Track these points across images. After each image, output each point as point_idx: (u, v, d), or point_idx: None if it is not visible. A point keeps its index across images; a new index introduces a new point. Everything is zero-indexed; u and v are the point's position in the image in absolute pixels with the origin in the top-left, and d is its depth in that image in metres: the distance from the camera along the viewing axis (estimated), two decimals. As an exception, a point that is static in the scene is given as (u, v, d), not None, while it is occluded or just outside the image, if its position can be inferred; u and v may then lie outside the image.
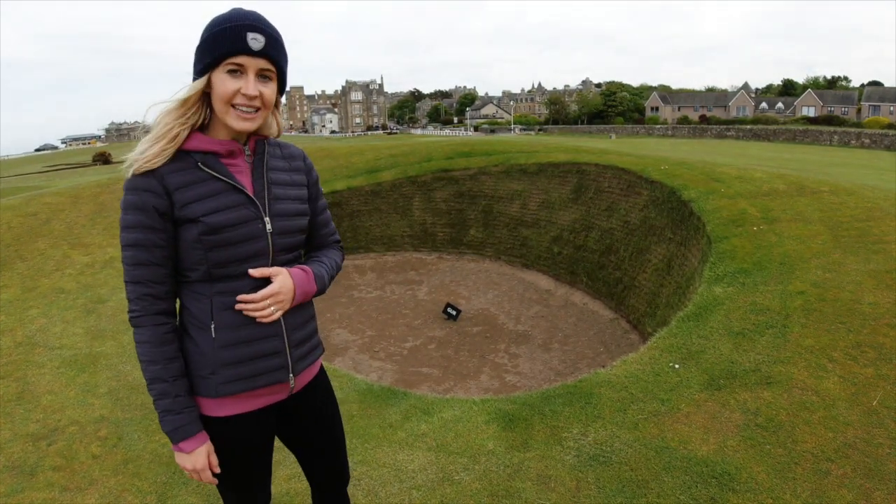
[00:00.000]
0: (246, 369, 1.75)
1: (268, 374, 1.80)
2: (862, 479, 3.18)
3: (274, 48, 1.64)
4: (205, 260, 1.66)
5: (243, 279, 1.71)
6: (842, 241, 6.44)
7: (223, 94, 1.60)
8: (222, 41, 1.58)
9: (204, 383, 1.73)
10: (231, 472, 1.87)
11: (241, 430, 1.82)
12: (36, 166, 46.93)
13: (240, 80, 1.61)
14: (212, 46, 1.59)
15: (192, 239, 1.63)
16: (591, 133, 72.67)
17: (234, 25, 1.58)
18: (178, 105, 1.62)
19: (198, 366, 1.73)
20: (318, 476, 2.15)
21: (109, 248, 9.78)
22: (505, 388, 9.08)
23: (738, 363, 4.50)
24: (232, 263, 1.68)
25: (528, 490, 3.40)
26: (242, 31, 1.58)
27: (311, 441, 2.07)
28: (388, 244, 16.51)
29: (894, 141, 41.09)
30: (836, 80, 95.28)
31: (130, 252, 1.63)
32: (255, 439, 1.88)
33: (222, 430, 1.78)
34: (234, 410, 1.78)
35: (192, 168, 1.64)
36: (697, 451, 3.58)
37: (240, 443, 1.83)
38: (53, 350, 5.97)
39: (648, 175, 12.11)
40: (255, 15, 1.62)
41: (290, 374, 1.85)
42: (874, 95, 64.80)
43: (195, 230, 1.62)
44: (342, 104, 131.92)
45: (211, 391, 1.73)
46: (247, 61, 1.60)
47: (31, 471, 3.87)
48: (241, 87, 1.60)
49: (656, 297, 10.15)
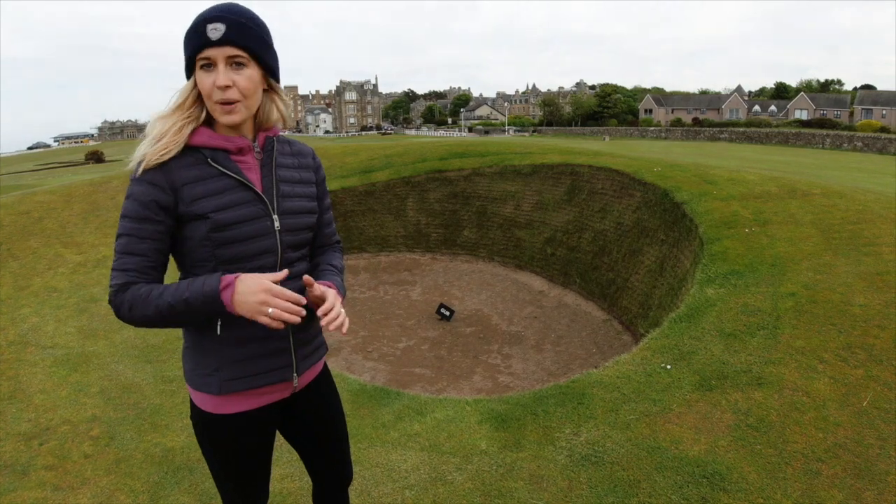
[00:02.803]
0: (251, 367, 1.75)
1: (272, 373, 1.79)
2: (852, 479, 3.21)
3: (237, 33, 1.58)
4: (213, 257, 1.65)
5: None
6: (833, 244, 6.49)
7: (204, 92, 1.61)
8: (189, 39, 1.58)
9: (208, 380, 1.73)
10: (233, 471, 1.87)
11: (244, 428, 1.82)
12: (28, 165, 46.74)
13: (213, 73, 1.59)
14: (184, 48, 1.61)
15: (201, 236, 1.63)
16: (585, 135, 72.73)
17: (197, 22, 1.57)
18: (174, 111, 1.63)
19: (202, 362, 1.73)
20: (320, 474, 2.15)
21: (102, 247, 9.74)
22: (498, 388, 9.09)
23: (729, 364, 4.52)
24: (240, 261, 1.68)
25: (520, 490, 3.41)
26: (203, 24, 1.56)
27: (314, 438, 2.07)
28: (381, 244, 16.50)
29: (886, 144, 41.31)
30: (828, 84, 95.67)
31: (122, 240, 1.61)
32: (258, 437, 1.88)
33: (225, 428, 1.79)
34: (238, 408, 1.78)
35: (201, 164, 1.64)
36: (689, 451, 3.60)
37: (243, 441, 1.83)
38: (45, 349, 5.94)
39: (641, 177, 12.15)
40: (221, 6, 1.60)
41: (295, 373, 1.85)
42: (866, 99, 65.09)
43: (204, 227, 1.62)
44: (336, 104, 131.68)
45: (215, 388, 1.72)
46: (212, 53, 1.57)
47: (24, 470, 3.85)
48: (217, 80, 1.58)
49: (649, 298, 10.18)
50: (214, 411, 1.76)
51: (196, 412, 1.81)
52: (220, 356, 1.72)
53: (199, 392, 1.76)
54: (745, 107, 76.91)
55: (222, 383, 1.72)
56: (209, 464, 1.91)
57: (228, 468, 1.87)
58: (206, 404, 1.76)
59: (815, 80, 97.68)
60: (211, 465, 1.91)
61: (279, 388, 1.85)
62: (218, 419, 1.77)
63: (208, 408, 1.76)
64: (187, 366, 1.79)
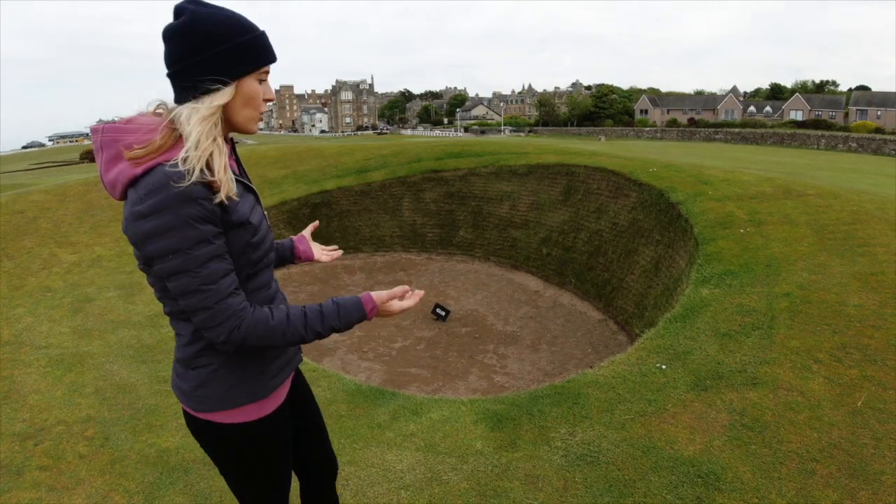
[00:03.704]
0: (283, 359, 1.83)
1: (293, 360, 1.91)
2: (847, 478, 3.22)
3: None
4: (249, 262, 1.66)
5: (266, 270, 1.77)
6: (827, 244, 6.51)
7: (256, 102, 1.62)
8: (258, 50, 1.58)
9: (250, 387, 1.72)
10: (276, 475, 1.90)
11: (283, 421, 1.88)
12: (23, 164, 46.49)
13: (262, 86, 1.63)
14: (249, 55, 1.56)
15: (244, 244, 1.62)
16: (581, 135, 72.88)
17: (261, 34, 1.60)
18: (213, 111, 1.53)
19: (245, 370, 1.71)
20: (308, 466, 2.18)
21: (96, 247, 9.71)
22: (493, 388, 9.09)
23: (724, 364, 4.53)
24: (263, 258, 1.72)
25: (515, 490, 3.41)
26: (267, 39, 1.61)
27: (298, 428, 2.10)
28: (377, 244, 16.48)
29: (881, 145, 41.49)
30: (823, 85, 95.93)
31: (212, 266, 1.50)
32: (290, 429, 1.95)
33: (271, 427, 1.82)
34: (276, 403, 1.83)
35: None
36: (684, 450, 3.61)
37: (285, 435, 1.89)
38: (40, 349, 5.92)
39: (637, 177, 12.16)
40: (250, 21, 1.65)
41: (301, 354, 1.98)
42: (861, 100, 65.36)
43: (246, 234, 1.62)
44: (332, 104, 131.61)
45: (264, 390, 1.75)
46: (270, 68, 1.64)
47: (18, 470, 3.84)
48: (265, 94, 1.64)
49: (644, 298, 10.20)
50: (260, 416, 1.77)
51: (233, 432, 1.75)
52: (262, 357, 1.74)
53: (242, 407, 1.73)
54: (741, 107, 77.15)
55: (269, 382, 1.77)
56: (248, 484, 1.88)
57: (272, 476, 1.88)
58: (251, 414, 1.75)
59: (810, 81, 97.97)
60: (250, 484, 1.88)
61: (292, 375, 1.98)
62: (264, 423, 1.78)
63: (253, 416, 1.75)
64: (222, 386, 1.69)
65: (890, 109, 60.04)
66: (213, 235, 1.49)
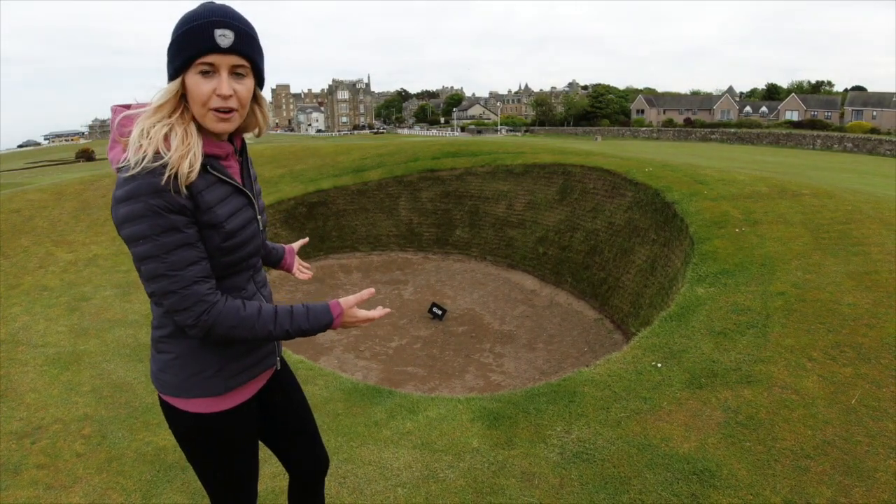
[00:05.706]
0: (249, 359, 1.82)
1: (264, 360, 1.89)
2: (841, 475, 3.25)
3: (245, 43, 1.55)
4: (219, 264, 1.66)
5: (242, 273, 1.77)
6: (822, 243, 6.54)
7: (198, 97, 1.53)
8: (191, 41, 1.49)
9: (210, 383, 1.74)
10: (234, 471, 1.90)
11: (244, 417, 1.86)
12: (19, 163, 46.39)
13: (213, 79, 1.53)
14: (181, 47, 1.50)
15: (213, 245, 1.62)
16: (577, 135, 72.83)
17: (202, 23, 1.49)
18: (153, 112, 1.53)
19: (200, 368, 1.72)
20: (297, 462, 2.19)
21: (93, 246, 9.70)
22: (490, 386, 9.11)
23: (719, 362, 4.56)
24: (239, 263, 1.72)
25: (512, 487, 3.43)
26: (210, 28, 1.49)
27: (287, 423, 2.12)
28: (373, 244, 16.48)
29: (876, 145, 41.58)
30: (819, 85, 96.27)
31: (178, 254, 1.53)
32: (253, 427, 1.93)
33: (227, 424, 1.81)
34: (236, 401, 1.82)
35: (202, 172, 1.58)
36: (679, 448, 3.63)
37: (244, 432, 1.88)
38: (37, 348, 5.92)
39: (633, 177, 12.20)
40: (223, 9, 1.54)
41: (277, 357, 1.97)
42: (857, 100, 65.51)
43: (217, 237, 1.62)
44: (329, 103, 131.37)
45: (220, 388, 1.75)
46: (217, 59, 1.51)
47: (15, 469, 3.84)
48: (216, 88, 1.53)
49: (640, 297, 10.23)
50: (216, 410, 1.77)
51: (189, 420, 1.77)
52: (221, 356, 1.74)
53: (196, 399, 1.74)
54: (737, 107, 77.25)
55: (226, 381, 1.76)
56: (206, 473, 1.90)
57: (231, 469, 1.89)
58: (206, 407, 1.76)
59: (806, 82, 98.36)
60: (209, 474, 1.90)
61: (265, 375, 1.95)
62: (219, 417, 1.78)
63: (209, 409, 1.76)
64: (178, 376, 1.72)
65: (885, 110, 60.18)
66: (183, 224, 1.52)
